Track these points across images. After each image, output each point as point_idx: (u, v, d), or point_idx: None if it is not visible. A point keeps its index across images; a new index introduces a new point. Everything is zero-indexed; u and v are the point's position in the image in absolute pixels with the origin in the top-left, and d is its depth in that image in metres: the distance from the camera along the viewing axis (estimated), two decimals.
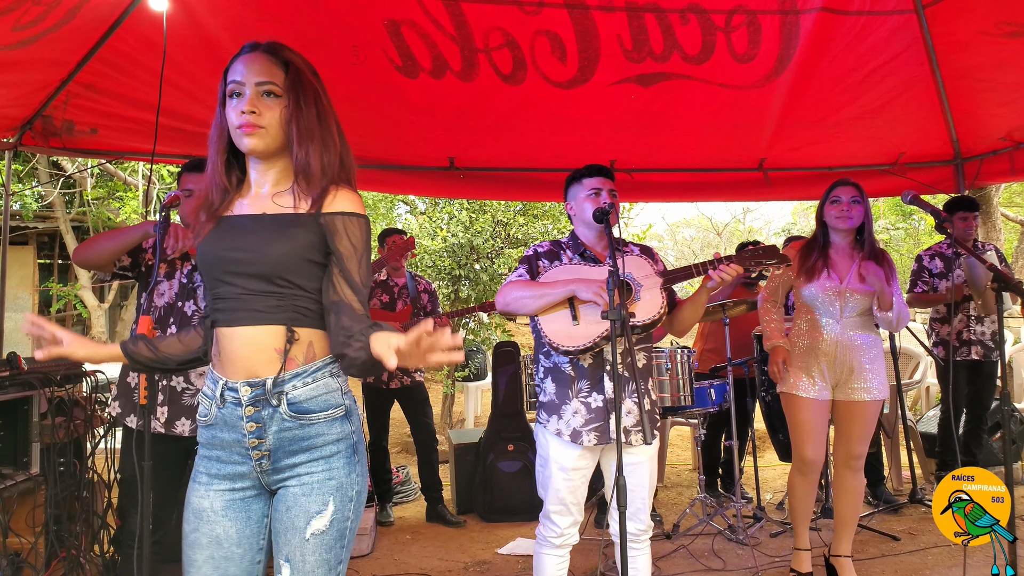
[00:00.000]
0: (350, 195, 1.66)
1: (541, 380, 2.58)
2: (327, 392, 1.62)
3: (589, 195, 2.59)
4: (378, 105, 4.11)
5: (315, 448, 1.60)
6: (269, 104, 1.60)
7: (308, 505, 1.58)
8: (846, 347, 3.15)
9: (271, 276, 1.58)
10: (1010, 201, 11.91)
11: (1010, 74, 4.10)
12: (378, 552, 4.05)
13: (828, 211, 3.22)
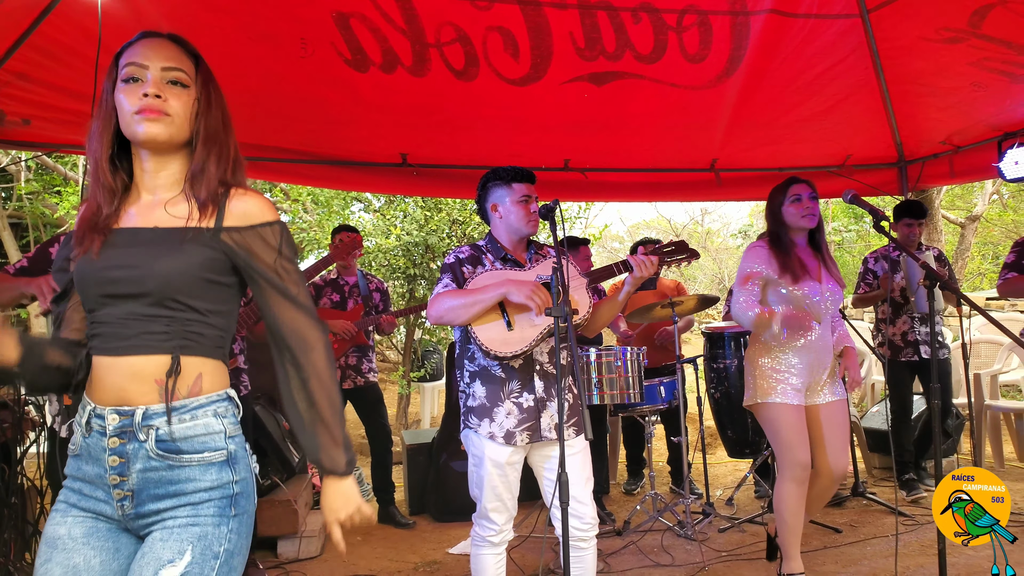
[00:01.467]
0: (255, 198, 1.50)
1: (468, 384, 2.54)
2: (206, 433, 1.41)
3: (520, 201, 2.55)
4: (328, 99, 4.05)
5: (183, 495, 1.39)
6: (176, 92, 1.45)
7: (161, 552, 1.35)
8: (824, 348, 3.07)
9: (160, 299, 1.39)
10: (952, 204, 12.25)
11: (950, 79, 4.21)
12: (327, 554, 4.00)
13: (790, 210, 3.07)
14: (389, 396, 8.21)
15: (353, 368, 4.39)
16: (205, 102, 1.49)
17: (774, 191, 3.22)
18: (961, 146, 4.95)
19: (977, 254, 13.49)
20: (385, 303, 4.55)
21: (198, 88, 1.49)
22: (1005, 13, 3.48)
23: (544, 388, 2.50)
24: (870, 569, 3.45)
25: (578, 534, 2.50)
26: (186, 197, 1.47)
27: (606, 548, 3.84)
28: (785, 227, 3.10)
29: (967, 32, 3.71)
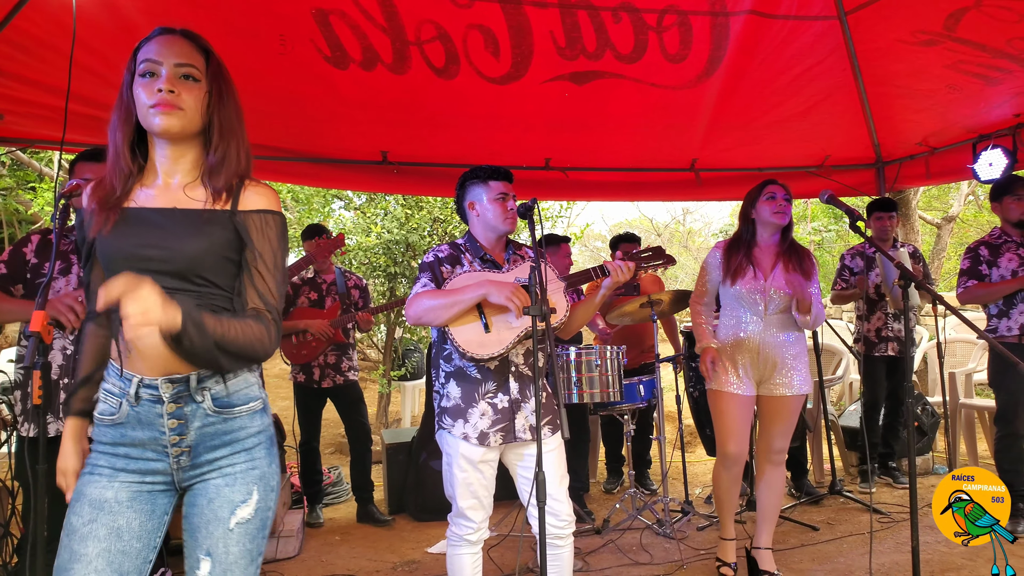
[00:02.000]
0: (266, 191, 1.66)
1: (443, 385, 2.53)
2: (247, 386, 1.62)
3: (497, 199, 2.55)
4: (307, 96, 4.03)
5: (237, 441, 1.60)
6: (188, 87, 1.56)
7: (232, 495, 1.57)
8: (770, 344, 3.20)
9: (187, 274, 1.54)
10: (929, 205, 12.39)
11: (925, 82, 4.25)
12: (305, 554, 3.97)
13: (763, 207, 3.21)
14: (370, 395, 8.18)
15: (332, 367, 4.36)
16: (216, 95, 1.61)
17: (751, 191, 3.35)
18: (937, 147, 5.01)
19: (954, 254, 13.64)
20: (364, 300, 4.53)
21: (208, 82, 1.60)
22: (979, 16, 3.52)
23: (519, 389, 2.50)
24: (845, 566, 3.49)
25: (554, 532, 2.51)
26: (203, 183, 1.61)
27: (585, 547, 3.85)
28: (754, 224, 3.27)
29: (942, 35, 3.75)
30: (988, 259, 3.99)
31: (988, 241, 4.06)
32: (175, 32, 1.61)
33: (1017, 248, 3.92)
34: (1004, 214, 4.01)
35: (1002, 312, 3.93)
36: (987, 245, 4.04)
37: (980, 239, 4.13)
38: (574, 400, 3.93)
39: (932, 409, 5.13)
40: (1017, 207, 3.93)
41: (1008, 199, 3.97)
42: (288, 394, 4.52)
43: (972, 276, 4.01)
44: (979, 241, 4.11)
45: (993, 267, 3.96)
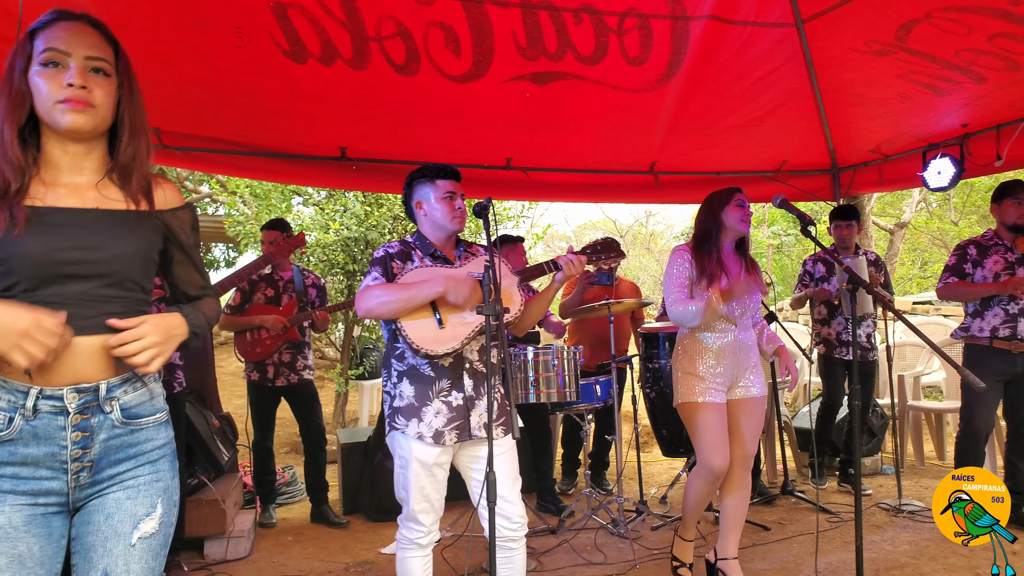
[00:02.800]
0: (173, 186, 1.65)
1: (395, 384, 2.50)
2: (153, 397, 1.57)
3: (444, 198, 2.54)
4: (265, 90, 3.96)
5: (143, 454, 1.52)
6: (100, 82, 1.47)
7: (134, 508, 1.48)
8: (740, 348, 3.14)
9: (117, 278, 1.47)
10: (883, 211, 12.68)
11: (878, 90, 4.34)
12: (256, 555, 3.91)
13: (733, 213, 3.11)
14: (327, 394, 8.09)
15: (287, 365, 4.30)
16: (127, 90, 1.53)
17: (715, 195, 3.23)
18: (889, 155, 5.13)
19: (908, 259, 13.99)
20: (321, 299, 4.47)
21: (119, 76, 1.52)
22: (929, 28, 3.60)
23: (473, 387, 2.48)
24: (795, 565, 3.54)
25: (507, 534, 2.50)
26: (113, 182, 1.53)
27: (540, 547, 3.86)
28: (720, 230, 3.14)
29: (894, 45, 3.84)
30: (975, 259, 4.04)
31: (979, 241, 4.11)
32: (80, 18, 1.49)
33: (1005, 251, 3.97)
34: (1001, 216, 4.03)
35: (977, 312, 4.00)
36: (977, 245, 4.09)
37: (971, 238, 4.18)
38: (531, 400, 3.94)
39: (882, 411, 5.24)
40: (1015, 210, 3.95)
41: (1008, 201, 3.99)
42: (242, 393, 4.45)
43: (954, 273, 4.07)
44: (970, 240, 4.16)
45: (978, 267, 4.01)
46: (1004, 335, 3.86)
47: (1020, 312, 3.84)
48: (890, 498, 4.55)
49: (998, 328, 3.88)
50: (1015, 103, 4.04)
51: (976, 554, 3.61)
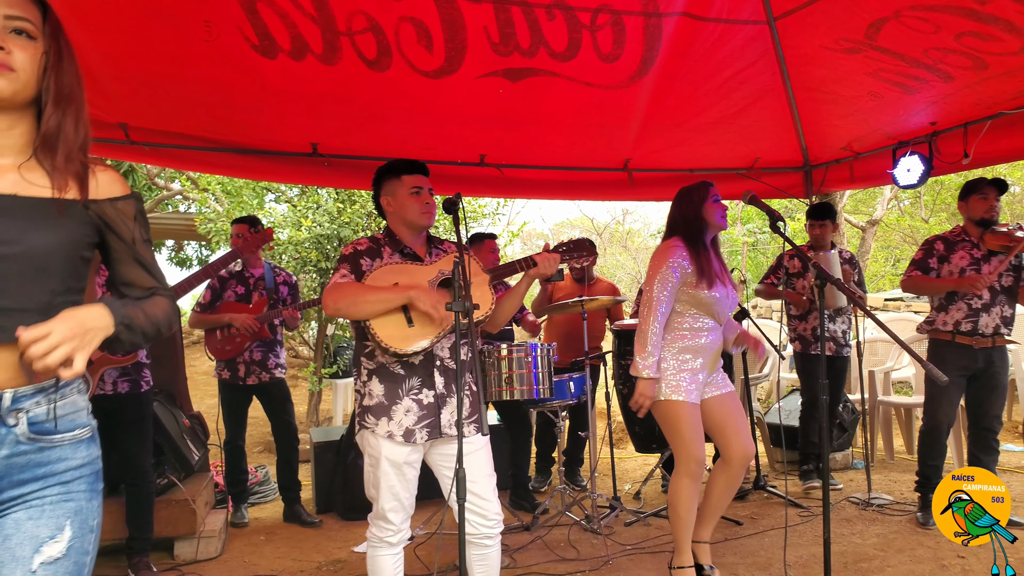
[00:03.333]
0: (116, 174, 1.46)
1: (365, 383, 2.48)
2: (75, 411, 1.37)
3: (412, 193, 2.51)
4: (234, 86, 3.91)
5: (53, 475, 1.33)
6: (22, 44, 1.31)
7: (36, 530, 1.28)
8: (718, 348, 3.16)
9: (35, 276, 1.29)
10: (856, 208, 12.83)
11: (849, 88, 4.38)
12: (228, 555, 3.87)
13: (713, 210, 3.10)
14: (301, 392, 8.04)
15: (258, 363, 4.26)
16: (55, 56, 1.35)
17: (689, 189, 3.21)
18: (860, 152, 5.17)
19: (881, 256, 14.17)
20: (293, 296, 4.43)
21: (46, 40, 1.35)
22: (898, 27, 3.64)
23: (445, 384, 2.47)
24: (766, 559, 3.57)
25: (483, 531, 2.49)
26: (40, 162, 1.35)
27: (513, 543, 3.85)
28: (704, 226, 3.11)
29: (864, 44, 3.87)
30: (942, 254, 4.09)
31: (947, 237, 4.16)
32: None
33: (972, 248, 4.02)
34: (968, 212, 4.09)
35: (942, 306, 4.05)
36: (944, 241, 4.14)
37: (940, 234, 4.23)
38: (504, 396, 3.92)
39: (852, 406, 5.30)
40: (982, 206, 4.01)
41: (974, 198, 4.04)
42: (215, 392, 4.40)
43: (919, 267, 4.12)
44: (938, 235, 4.21)
45: (945, 262, 4.06)
46: (966, 330, 3.92)
47: (983, 307, 3.90)
48: (860, 492, 4.60)
49: (961, 322, 3.94)
50: (982, 101, 4.09)
51: (941, 545, 3.66)
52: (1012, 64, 3.66)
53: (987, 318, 3.90)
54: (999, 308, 3.92)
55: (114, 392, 3.39)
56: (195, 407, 4.75)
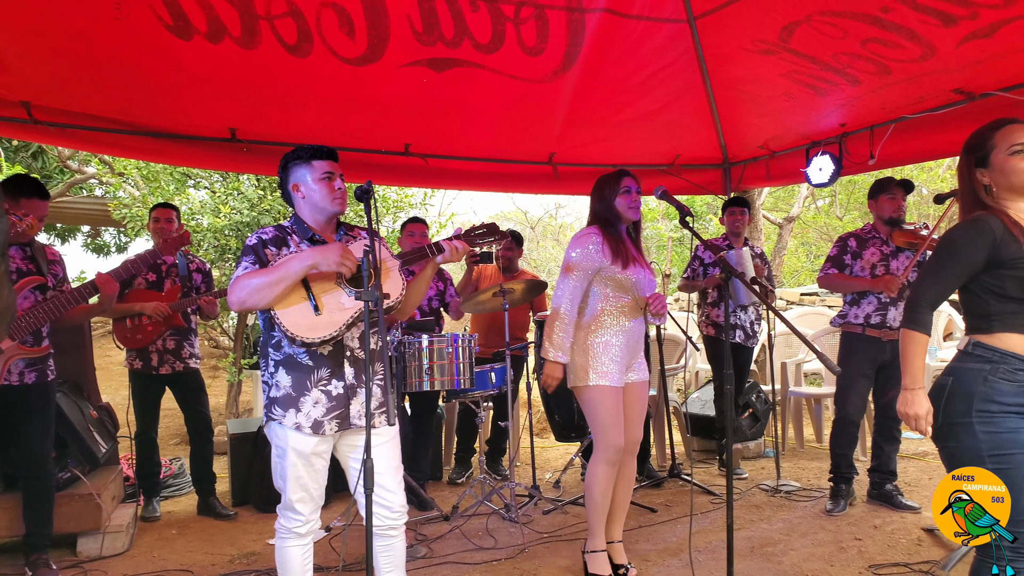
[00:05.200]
0: None
1: (272, 374, 2.43)
2: None
3: (322, 178, 2.46)
4: (148, 67, 3.78)
5: None
6: None
7: None
8: (637, 332, 3.24)
9: None
10: (775, 206, 13.25)
11: (765, 88, 4.52)
12: (135, 550, 3.76)
13: (620, 201, 3.19)
14: (220, 383, 7.85)
15: (172, 353, 4.14)
16: None
17: (603, 180, 3.32)
18: (776, 151, 5.34)
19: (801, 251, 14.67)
20: (207, 284, 4.32)
21: None
22: (809, 30, 3.77)
23: (355, 375, 2.44)
24: (677, 545, 3.67)
25: (388, 522, 2.48)
26: None
27: (431, 533, 3.87)
28: (615, 216, 3.22)
29: (778, 46, 4.00)
30: (854, 250, 4.25)
31: (858, 234, 4.33)
32: None
33: (882, 245, 4.20)
34: (878, 211, 4.26)
35: (854, 300, 4.22)
36: (856, 238, 4.31)
37: (852, 231, 4.40)
38: (424, 387, 3.92)
39: (765, 396, 5.48)
40: (890, 205, 4.19)
41: (883, 197, 4.22)
42: (123, 381, 4.25)
43: (835, 264, 4.28)
44: (851, 233, 4.37)
45: (857, 259, 4.23)
46: (875, 323, 4.10)
47: (892, 301, 4.09)
48: (770, 479, 4.77)
49: (871, 315, 4.12)
50: (886, 105, 4.27)
51: (841, 529, 3.84)
52: (913, 71, 3.84)
53: (895, 312, 4.09)
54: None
55: (20, 383, 3.25)
56: (110, 399, 4.60)
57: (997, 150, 2.12)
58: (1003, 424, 2.02)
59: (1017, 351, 2.03)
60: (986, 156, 2.15)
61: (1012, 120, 2.15)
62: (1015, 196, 2.12)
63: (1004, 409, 2.02)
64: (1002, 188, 2.12)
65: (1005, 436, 2.01)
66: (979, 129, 2.21)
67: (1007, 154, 2.10)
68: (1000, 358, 2.04)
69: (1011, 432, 2.01)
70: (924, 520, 3.94)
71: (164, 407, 4.47)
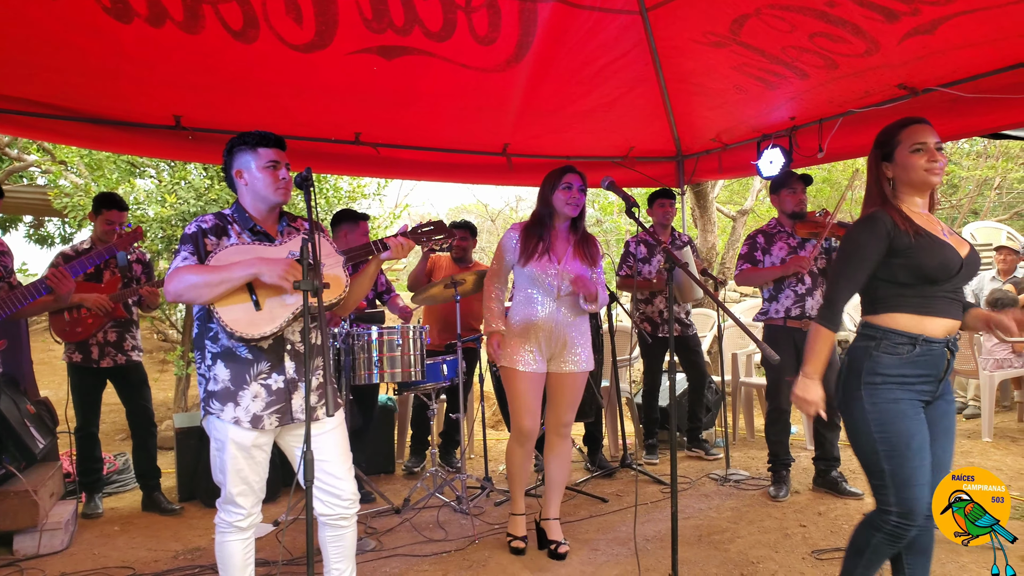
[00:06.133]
0: None
1: (209, 367, 2.37)
2: None
3: (267, 167, 2.39)
4: (87, 50, 3.66)
5: None
6: None
7: None
8: (561, 324, 3.33)
9: None
10: (730, 199, 13.41)
11: (717, 81, 4.55)
12: (75, 548, 3.66)
13: (559, 196, 3.31)
14: (168, 377, 7.69)
15: (113, 345, 4.03)
16: None
17: (550, 175, 3.41)
18: (728, 144, 5.40)
19: None
20: (148, 275, 4.21)
21: None
22: (759, 24, 3.80)
23: (296, 369, 2.38)
24: (626, 535, 3.69)
25: (339, 511, 2.45)
26: None
27: (382, 526, 3.84)
28: (551, 211, 3.35)
29: (729, 38, 4.02)
30: (763, 247, 4.34)
31: (765, 230, 4.42)
32: None
33: (788, 238, 4.30)
34: (781, 206, 4.37)
35: (772, 296, 4.30)
36: (764, 234, 4.40)
37: (759, 228, 4.49)
38: (375, 379, 3.89)
39: (716, 387, 5.55)
40: (791, 199, 4.30)
41: (784, 192, 4.33)
42: (63, 375, 4.13)
43: (748, 261, 4.36)
44: (758, 230, 4.46)
45: (767, 254, 4.32)
46: (795, 315, 4.19)
47: (807, 292, 4.18)
48: (719, 469, 4.83)
49: (790, 308, 4.21)
50: (834, 99, 4.34)
51: (787, 516, 3.90)
52: (859, 65, 3.90)
53: (812, 301, 4.19)
54: (821, 291, 4.21)
55: None
56: (52, 394, 4.47)
57: (901, 147, 2.28)
58: (885, 395, 2.19)
59: (897, 327, 2.20)
60: (891, 152, 2.30)
61: (918, 120, 2.30)
62: (912, 192, 2.28)
63: (886, 380, 2.20)
64: (902, 183, 2.29)
65: (887, 406, 2.19)
66: (888, 125, 2.35)
67: (909, 152, 2.26)
68: (882, 334, 2.22)
69: (892, 402, 2.19)
70: (866, 506, 4.02)
71: (109, 401, 4.35)
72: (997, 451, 5.13)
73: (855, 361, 2.26)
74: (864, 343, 2.25)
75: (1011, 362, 5.48)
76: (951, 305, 2.23)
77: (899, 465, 2.15)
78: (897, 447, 2.16)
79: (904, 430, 2.16)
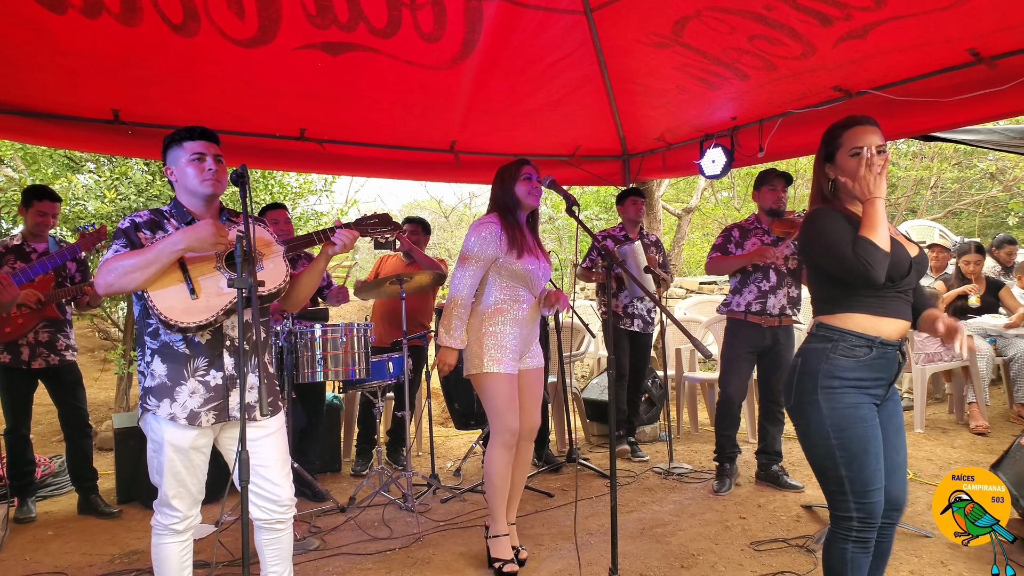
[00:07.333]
0: None
1: (147, 363, 2.34)
2: None
3: (193, 160, 2.36)
4: (17, 41, 3.55)
5: None
6: None
7: None
8: (533, 321, 3.28)
9: None
10: (676, 197, 13.63)
11: (660, 81, 4.62)
12: (5, 553, 3.55)
13: (520, 188, 3.20)
14: (108, 376, 7.50)
15: (46, 345, 3.92)
16: None
17: (505, 168, 3.32)
18: (672, 143, 5.49)
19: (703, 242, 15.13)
20: (82, 273, 4.10)
21: None
22: (699, 25, 3.88)
23: (235, 365, 2.36)
24: (570, 529, 3.73)
25: (275, 516, 2.43)
26: None
27: (325, 525, 3.81)
28: (515, 202, 3.23)
29: (671, 39, 4.09)
30: (738, 240, 4.41)
31: (742, 225, 4.49)
32: None
33: (763, 235, 4.36)
34: (760, 202, 4.43)
35: (736, 289, 4.38)
36: (740, 228, 4.46)
37: (737, 222, 4.56)
38: (318, 378, 3.86)
39: (661, 381, 5.64)
40: (771, 196, 4.35)
41: (765, 188, 4.38)
42: None
43: (719, 250, 4.43)
44: (736, 224, 4.53)
45: (740, 247, 4.38)
46: (756, 310, 4.28)
47: (770, 290, 4.26)
48: (663, 462, 4.92)
49: (751, 303, 4.29)
50: (773, 100, 4.44)
51: (728, 509, 3.99)
52: (796, 67, 4.01)
53: (774, 299, 4.27)
54: (786, 290, 4.30)
55: None
56: None
57: (842, 149, 2.24)
58: (843, 399, 2.14)
59: (855, 329, 2.15)
60: (833, 153, 2.27)
61: (863, 120, 2.25)
62: (851, 195, 2.23)
63: (844, 384, 2.14)
64: (842, 186, 2.24)
65: (845, 411, 2.14)
66: (833, 124, 2.31)
67: (848, 155, 2.21)
68: (840, 336, 2.16)
69: (851, 407, 2.14)
70: (805, 498, 4.14)
71: (46, 402, 4.23)
72: (928, 442, 5.32)
73: (810, 363, 2.19)
74: (820, 344, 2.19)
75: (942, 356, 5.69)
76: (903, 306, 2.19)
77: (857, 471, 2.10)
78: (856, 453, 2.10)
79: (862, 435, 2.11)
